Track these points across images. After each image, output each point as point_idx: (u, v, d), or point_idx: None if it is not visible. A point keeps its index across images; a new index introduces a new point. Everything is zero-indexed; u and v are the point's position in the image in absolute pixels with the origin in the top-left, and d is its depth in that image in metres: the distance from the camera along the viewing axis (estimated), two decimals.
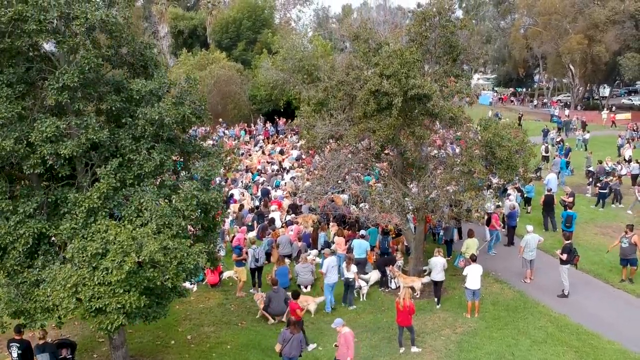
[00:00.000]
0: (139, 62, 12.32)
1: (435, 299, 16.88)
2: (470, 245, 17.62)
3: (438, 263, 16.49)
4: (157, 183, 11.98)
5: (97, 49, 11.33)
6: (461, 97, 16.36)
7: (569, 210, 20.99)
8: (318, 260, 19.13)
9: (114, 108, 11.50)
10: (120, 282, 9.93)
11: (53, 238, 11.37)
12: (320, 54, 48.22)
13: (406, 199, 16.84)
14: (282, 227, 22.37)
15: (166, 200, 11.40)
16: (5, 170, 11.45)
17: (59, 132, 10.67)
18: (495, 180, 18.47)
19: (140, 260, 9.99)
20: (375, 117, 15.74)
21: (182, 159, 13.03)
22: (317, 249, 20.17)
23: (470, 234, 17.91)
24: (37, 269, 11.05)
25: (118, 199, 11.28)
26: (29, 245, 11.01)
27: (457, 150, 19.54)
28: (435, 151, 20.25)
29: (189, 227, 12.25)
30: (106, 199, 11.02)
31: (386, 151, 18.38)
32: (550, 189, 23.77)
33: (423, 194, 16.26)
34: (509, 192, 22.95)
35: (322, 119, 16.99)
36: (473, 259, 15.85)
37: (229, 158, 13.38)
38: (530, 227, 18.18)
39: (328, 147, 18.09)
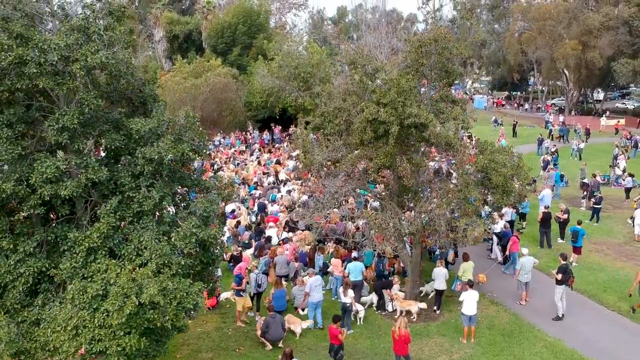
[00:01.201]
0: (138, 99, 12.41)
1: (435, 307, 17.81)
2: (466, 269, 17.76)
3: (440, 273, 17.61)
4: (157, 218, 12.08)
5: (96, 88, 11.40)
6: (457, 124, 16.45)
7: (577, 226, 21.23)
8: None
9: (113, 146, 11.58)
10: (120, 325, 10.05)
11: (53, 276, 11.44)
12: (316, 61, 48.44)
13: (403, 222, 16.93)
14: (278, 244, 22.45)
15: (165, 238, 11.47)
16: (5, 207, 11.52)
17: (59, 172, 10.75)
18: (490, 197, 18.61)
19: (140, 302, 10.09)
20: (372, 145, 15.85)
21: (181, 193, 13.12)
22: (313, 268, 20.25)
23: (466, 258, 18.01)
24: (37, 307, 11.17)
25: (118, 238, 11.38)
26: (29, 284, 11.11)
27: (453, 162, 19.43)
28: (432, 163, 20.33)
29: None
30: (106, 238, 11.11)
31: (383, 174, 18.46)
32: (548, 206, 23.83)
33: (420, 219, 16.36)
34: (504, 210, 23.00)
35: (319, 145, 17.06)
36: (470, 284, 15.99)
37: (227, 191, 13.48)
38: (525, 250, 18.35)
39: (325, 169, 18.15)
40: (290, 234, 23.24)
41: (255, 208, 27.06)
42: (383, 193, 18.89)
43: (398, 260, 19.95)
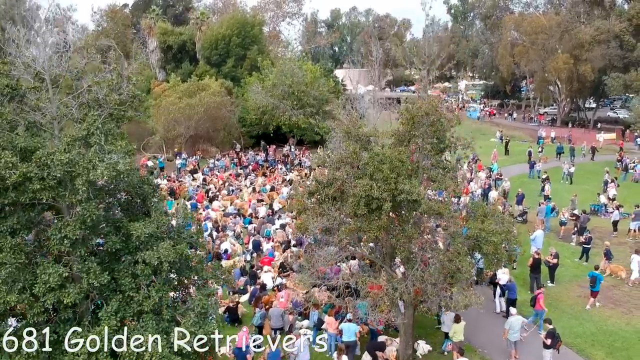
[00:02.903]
0: (138, 196, 12.71)
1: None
2: (457, 331, 18.13)
3: (450, 318, 18.72)
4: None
5: (97, 194, 11.68)
6: (449, 193, 16.82)
7: (595, 272, 21.74)
8: (309, 332, 19.59)
9: (113, 249, 11.91)
10: None
11: None
12: (310, 79, 48.71)
13: (396, 286, 17.29)
14: (273, 289, 22.82)
15: (165, 336, 11.81)
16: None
17: (62, 280, 11.07)
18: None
19: None
20: (366, 217, 16.20)
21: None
22: (308, 320, 20.63)
23: (457, 319, 18.35)
24: None
25: (119, 338, 11.71)
26: None
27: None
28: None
29: None
30: (107, 341, 11.45)
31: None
32: (539, 252, 24.15)
33: (412, 287, 16.73)
34: None
35: (312, 211, 17.37)
36: (461, 352, 16.36)
37: (223, 277, 13.82)
38: (513, 310, 18.77)
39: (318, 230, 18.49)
40: (285, 279, 23.57)
41: (250, 246, 27.32)
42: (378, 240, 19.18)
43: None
